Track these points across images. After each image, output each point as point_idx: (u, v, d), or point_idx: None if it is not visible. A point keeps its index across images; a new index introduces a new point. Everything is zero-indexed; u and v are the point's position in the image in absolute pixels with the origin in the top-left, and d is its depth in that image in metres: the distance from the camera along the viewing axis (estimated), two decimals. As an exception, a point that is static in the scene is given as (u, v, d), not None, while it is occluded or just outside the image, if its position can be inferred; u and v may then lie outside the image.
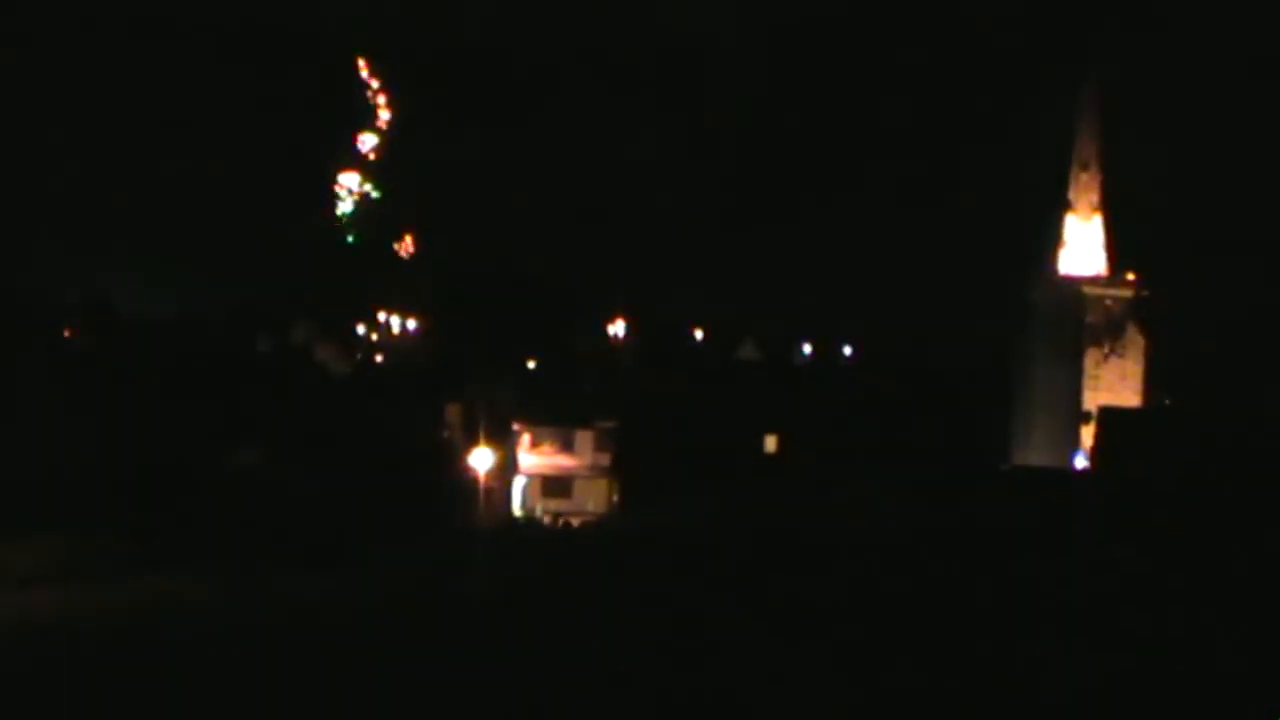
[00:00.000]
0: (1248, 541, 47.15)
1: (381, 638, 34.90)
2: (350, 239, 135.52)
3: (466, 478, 76.42)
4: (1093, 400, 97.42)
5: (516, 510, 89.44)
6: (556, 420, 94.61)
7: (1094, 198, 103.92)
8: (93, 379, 70.66)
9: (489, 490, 79.71)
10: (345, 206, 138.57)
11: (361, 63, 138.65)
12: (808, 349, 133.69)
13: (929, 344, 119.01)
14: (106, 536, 52.50)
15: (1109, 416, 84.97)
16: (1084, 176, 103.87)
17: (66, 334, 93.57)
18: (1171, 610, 38.33)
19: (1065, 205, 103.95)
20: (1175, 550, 46.05)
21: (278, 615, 40.00)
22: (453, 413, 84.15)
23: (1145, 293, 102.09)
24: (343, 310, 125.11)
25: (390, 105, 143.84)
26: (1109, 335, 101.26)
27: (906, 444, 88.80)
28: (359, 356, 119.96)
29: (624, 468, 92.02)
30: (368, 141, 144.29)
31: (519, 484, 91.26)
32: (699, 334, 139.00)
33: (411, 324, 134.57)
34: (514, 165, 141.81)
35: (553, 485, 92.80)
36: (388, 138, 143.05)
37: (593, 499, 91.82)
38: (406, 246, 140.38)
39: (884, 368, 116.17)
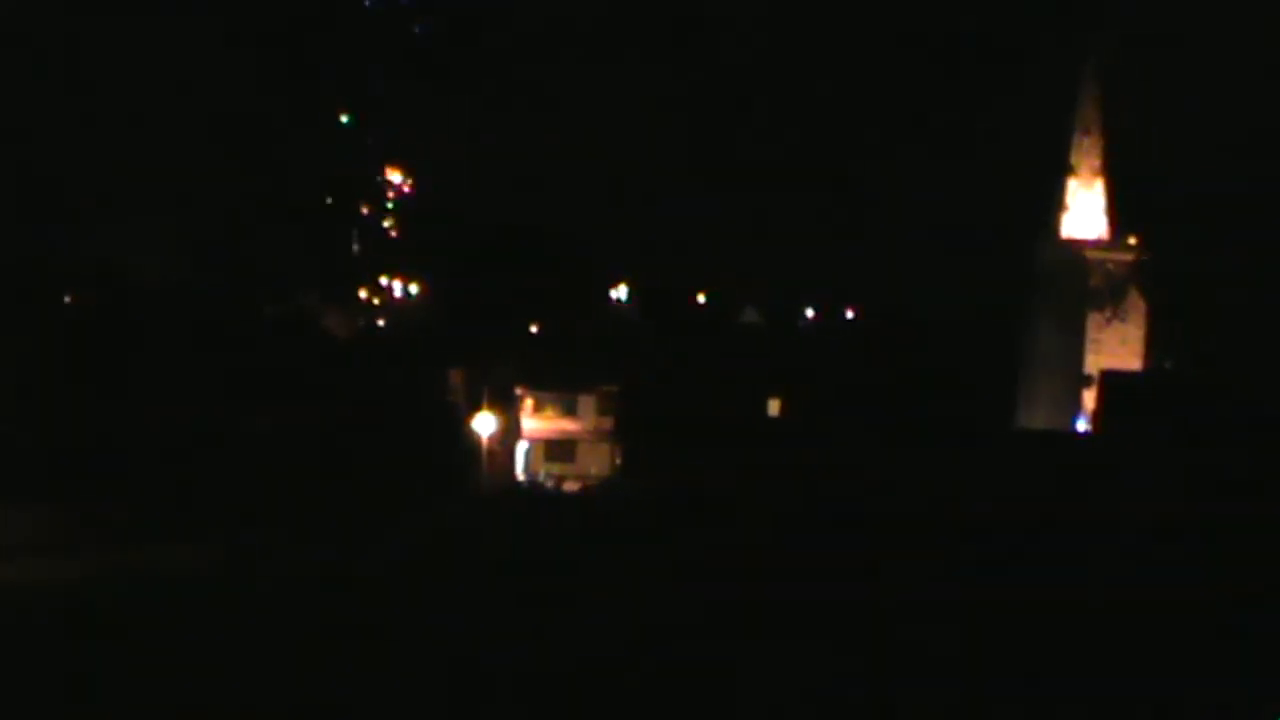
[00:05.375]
0: (1247, 505, 47.43)
1: (390, 603, 35.17)
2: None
3: (470, 443, 76.96)
4: (1094, 364, 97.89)
5: (520, 474, 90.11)
6: (559, 385, 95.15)
7: (1096, 162, 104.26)
8: (94, 344, 70.43)
9: (492, 455, 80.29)
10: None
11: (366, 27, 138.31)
12: (810, 313, 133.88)
13: (930, 307, 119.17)
14: (105, 505, 52.28)
15: (1110, 380, 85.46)
16: (1086, 141, 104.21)
17: (68, 299, 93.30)
18: (1170, 576, 38.61)
19: (1067, 170, 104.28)
20: (1175, 513, 46.35)
21: (285, 582, 40.17)
22: (456, 378, 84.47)
23: (1146, 257, 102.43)
24: (346, 274, 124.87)
25: (390, 71, 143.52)
26: (1110, 299, 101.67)
27: (909, 406, 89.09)
28: (362, 322, 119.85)
29: (626, 432, 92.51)
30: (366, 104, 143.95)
31: (522, 449, 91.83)
32: (701, 299, 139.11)
33: (414, 289, 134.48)
34: (514, 131, 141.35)
35: (556, 450, 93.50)
36: (389, 103, 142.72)
37: (595, 463, 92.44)
38: (402, 188, 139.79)
39: (886, 331, 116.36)
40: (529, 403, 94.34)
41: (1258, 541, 42.82)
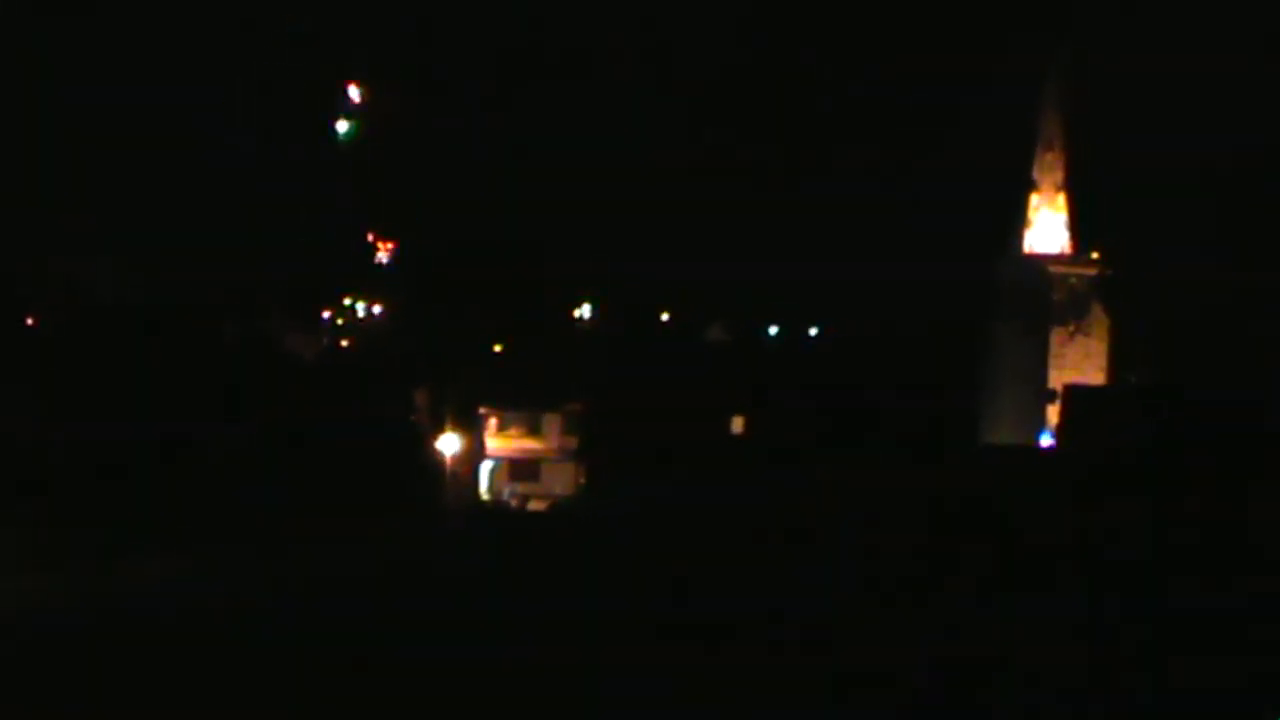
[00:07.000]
0: (1212, 517, 47.50)
1: (363, 615, 35.01)
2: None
3: (434, 462, 76.69)
4: (1058, 379, 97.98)
5: (484, 494, 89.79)
6: (523, 404, 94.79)
7: (1058, 177, 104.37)
8: (60, 364, 70.25)
9: (456, 474, 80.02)
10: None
11: (333, 49, 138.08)
12: (774, 331, 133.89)
13: (895, 323, 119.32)
14: (78, 522, 52.08)
15: (1074, 394, 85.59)
16: (1048, 156, 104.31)
17: (31, 320, 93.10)
18: (1139, 589, 38.61)
19: (1030, 185, 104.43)
20: (1139, 527, 46.39)
21: (258, 595, 40.02)
22: (420, 398, 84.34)
23: (1109, 271, 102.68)
24: (310, 295, 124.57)
25: (363, 89, 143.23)
26: (1073, 314, 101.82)
27: (874, 424, 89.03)
28: (326, 342, 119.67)
29: (591, 450, 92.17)
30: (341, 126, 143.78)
31: (486, 468, 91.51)
32: (665, 316, 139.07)
33: (377, 309, 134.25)
34: (481, 150, 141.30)
35: (520, 469, 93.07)
36: (361, 122, 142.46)
37: (560, 482, 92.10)
38: (385, 248, 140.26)
39: (851, 348, 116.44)
40: (493, 422, 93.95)
41: (1225, 551, 42.88)
